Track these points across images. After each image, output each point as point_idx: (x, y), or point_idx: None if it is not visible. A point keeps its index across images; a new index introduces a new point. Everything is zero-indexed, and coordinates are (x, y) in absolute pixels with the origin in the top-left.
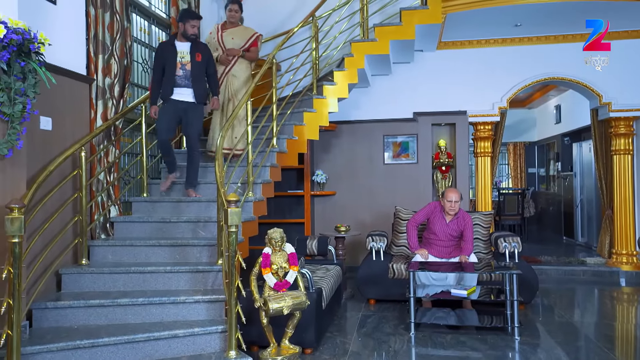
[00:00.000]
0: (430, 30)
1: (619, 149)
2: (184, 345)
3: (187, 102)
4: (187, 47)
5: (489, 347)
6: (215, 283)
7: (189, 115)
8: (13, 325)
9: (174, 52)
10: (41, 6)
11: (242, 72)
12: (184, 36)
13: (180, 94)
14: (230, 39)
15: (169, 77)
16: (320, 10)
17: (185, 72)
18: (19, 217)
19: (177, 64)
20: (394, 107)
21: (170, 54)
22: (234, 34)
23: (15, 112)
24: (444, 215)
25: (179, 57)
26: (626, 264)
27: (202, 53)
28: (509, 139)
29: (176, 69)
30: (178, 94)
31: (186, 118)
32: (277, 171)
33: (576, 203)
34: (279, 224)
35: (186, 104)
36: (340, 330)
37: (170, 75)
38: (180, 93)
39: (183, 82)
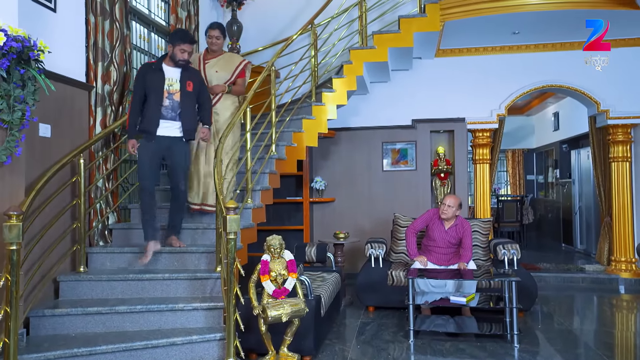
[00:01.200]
0: (429, 38)
1: (617, 156)
2: (182, 352)
3: (172, 138)
4: (176, 74)
5: (488, 355)
6: (214, 290)
7: (173, 151)
8: (10, 333)
9: (161, 78)
10: (41, 14)
11: (227, 109)
12: (173, 60)
13: (165, 128)
14: (214, 72)
15: (154, 108)
16: (320, 18)
17: (173, 103)
18: (17, 224)
19: (164, 92)
20: (393, 114)
21: (155, 80)
22: (217, 66)
23: (14, 119)
24: (443, 222)
25: (166, 84)
26: (625, 271)
27: (194, 81)
28: (507, 146)
29: (162, 99)
30: (162, 127)
31: (170, 154)
32: (276, 178)
33: (575, 210)
34: (278, 231)
35: (170, 140)
36: (339, 337)
37: (154, 105)
38: (165, 127)
39: (169, 114)
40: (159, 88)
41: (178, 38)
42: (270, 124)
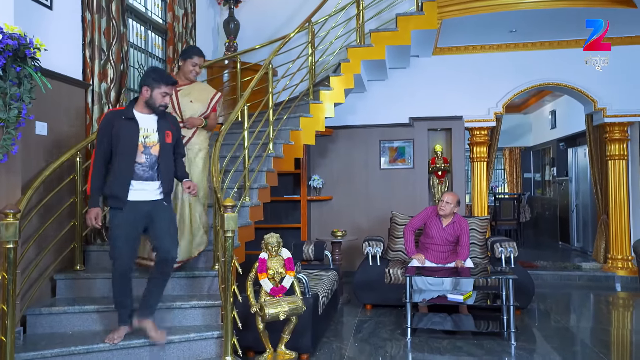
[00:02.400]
0: (426, 36)
1: (614, 154)
2: (179, 350)
3: (154, 202)
4: (153, 123)
5: (485, 353)
6: (211, 288)
7: (156, 217)
8: (7, 332)
9: (134, 129)
10: (37, 11)
11: (201, 145)
12: (150, 106)
13: (143, 191)
14: (188, 102)
15: (125, 167)
16: (317, 16)
17: (150, 159)
18: (13, 223)
19: (139, 146)
20: (390, 112)
21: (127, 131)
22: (192, 95)
23: (10, 117)
24: (441, 219)
25: (141, 136)
26: (621, 269)
27: (173, 130)
28: (504, 144)
29: (137, 154)
30: (139, 190)
31: (152, 221)
32: (273, 176)
33: (572, 208)
34: (276, 229)
35: (152, 204)
36: (336, 335)
37: (126, 163)
38: (142, 189)
39: (146, 174)
40: (133, 141)
41: (157, 79)
42: (268, 122)
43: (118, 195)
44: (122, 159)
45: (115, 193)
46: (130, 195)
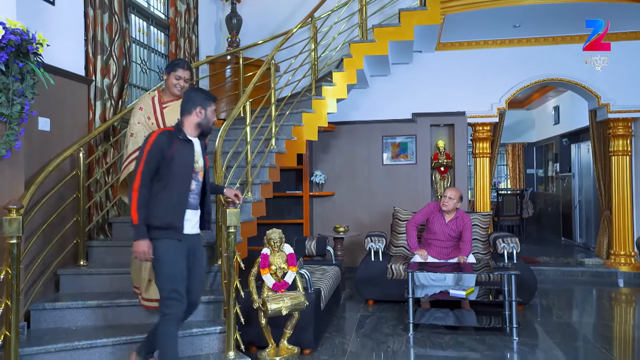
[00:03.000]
0: (429, 31)
1: (617, 150)
2: (182, 345)
3: (194, 235)
4: (198, 146)
5: (487, 348)
6: (214, 284)
7: (197, 256)
8: (11, 327)
9: (191, 153)
10: (40, 7)
11: None
12: (203, 127)
13: (189, 222)
14: (176, 119)
15: (182, 194)
16: (320, 11)
17: (198, 186)
18: (17, 218)
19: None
20: (393, 108)
21: (184, 155)
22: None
23: (13, 113)
24: (444, 215)
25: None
26: (624, 264)
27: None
28: (507, 140)
29: (191, 181)
30: (187, 220)
31: (194, 259)
32: (275, 172)
33: (574, 204)
34: (278, 225)
35: (195, 239)
36: (339, 330)
37: (183, 189)
38: (189, 219)
39: (195, 201)
40: (189, 166)
41: (207, 97)
42: (270, 117)
43: (175, 225)
44: (178, 185)
45: (172, 223)
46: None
